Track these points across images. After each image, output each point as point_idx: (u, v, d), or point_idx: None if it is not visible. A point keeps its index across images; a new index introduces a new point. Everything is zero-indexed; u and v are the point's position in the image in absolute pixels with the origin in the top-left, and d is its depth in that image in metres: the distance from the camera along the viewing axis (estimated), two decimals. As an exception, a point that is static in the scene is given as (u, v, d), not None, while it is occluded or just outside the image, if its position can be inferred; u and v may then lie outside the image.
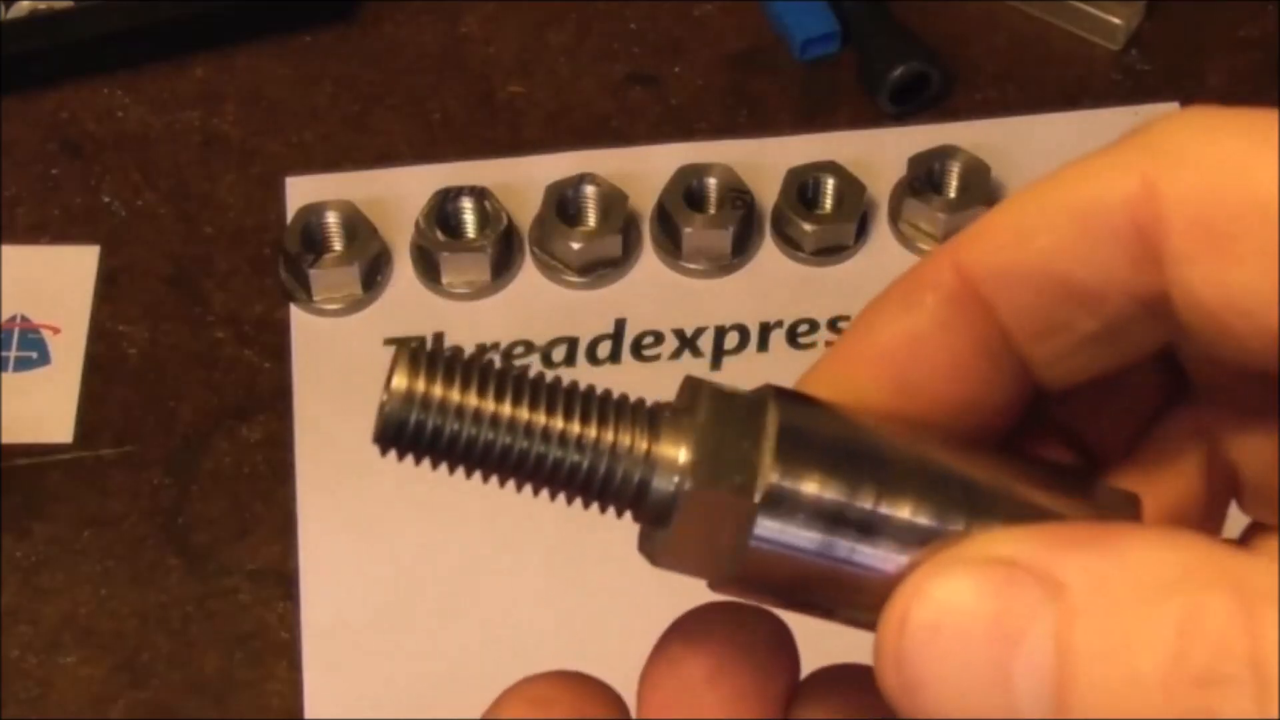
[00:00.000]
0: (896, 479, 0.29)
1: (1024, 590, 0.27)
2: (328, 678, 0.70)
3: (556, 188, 0.79)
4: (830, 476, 0.29)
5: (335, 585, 0.72)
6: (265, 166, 0.83)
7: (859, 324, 0.32)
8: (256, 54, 0.86)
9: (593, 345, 0.78)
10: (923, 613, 0.28)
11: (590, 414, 0.30)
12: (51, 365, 0.77)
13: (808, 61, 0.86)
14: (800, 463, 0.29)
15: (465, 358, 0.30)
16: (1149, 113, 0.84)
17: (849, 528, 0.29)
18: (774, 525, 0.29)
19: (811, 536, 0.29)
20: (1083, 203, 0.30)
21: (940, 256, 0.31)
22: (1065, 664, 0.26)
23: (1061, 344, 0.31)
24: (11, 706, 0.69)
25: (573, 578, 0.72)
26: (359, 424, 0.76)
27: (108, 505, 0.74)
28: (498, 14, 0.88)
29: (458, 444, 0.30)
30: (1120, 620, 0.26)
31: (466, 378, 0.30)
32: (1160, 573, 0.26)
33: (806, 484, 0.29)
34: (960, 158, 0.80)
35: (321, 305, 0.78)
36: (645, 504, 0.30)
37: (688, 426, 0.30)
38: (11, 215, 0.81)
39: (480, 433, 0.30)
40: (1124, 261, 0.30)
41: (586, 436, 0.30)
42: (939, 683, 0.27)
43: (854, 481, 0.29)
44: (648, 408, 0.31)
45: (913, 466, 0.30)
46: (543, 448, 0.30)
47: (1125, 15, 0.86)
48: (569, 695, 0.34)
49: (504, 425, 0.30)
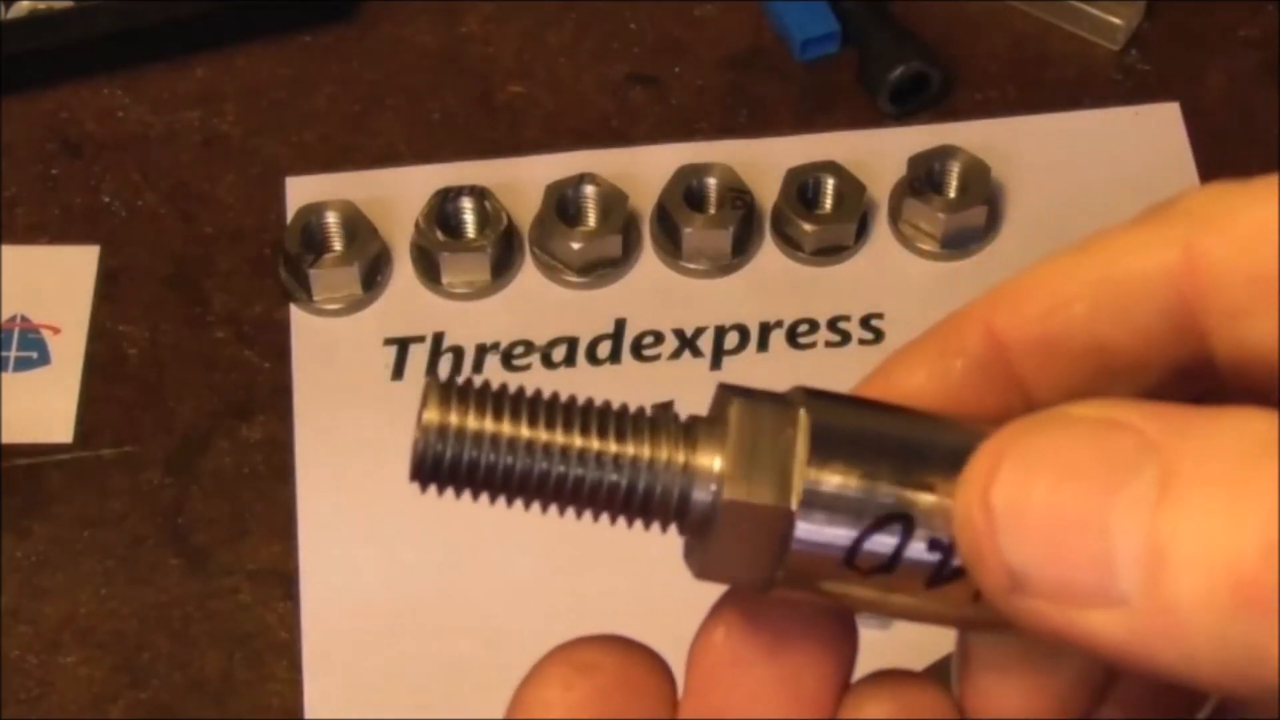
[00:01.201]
0: (934, 459, 0.29)
1: (1124, 443, 0.27)
2: (328, 678, 0.70)
3: (556, 188, 0.79)
4: (866, 468, 0.29)
5: (335, 585, 0.72)
6: (265, 166, 0.83)
7: (884, 370, 0.32)
8: (256, 54, 0.86)
9: (593, 345, 0.78)
10: (1017, 457, 0.27)
11: (624, 431, 0.30)
12: (51, 365, 0.77)
13: (808, 61, 0.86)
14: (834, 461, 0.29)
15: (494, 386, 0.30)
16: (1149, 113, 0.84)
17: (891, 518, 0.29)
18: (813, 526, 0.29)
19: (852, 532, 0.29)
20: (1122, 274, 0.30)
21: (972, 318, 0.32)
22: (1166, 518, 0.26)
23: None
24: (11, 706, 0.69)
25: (575, 577, 0.72)
26: (359, 424, 0.76)
27: (108, 505, 0.74)
28: (498, 14, 0.88)
29: (495, 473, 0.30)
30: (1220, 478, 0.26)
31: (498, 406, 0.30)
32: (1257, 437, 0.26)
33: (842, 480, 0.29)
34: (960, 158, 0.80)
35: (321, 305, 0.78)
36: (687, 516, 0.30)
37: (721, 435, 0.30)
38: (11, 215, 0.81)
39: (517, 460, 0.30)
40: (1164, 331, 0.30)
41: (623, 454, 0.30)
42: (1030, 525, 0.27)
43: (890, 469, 0.29)
44: (681, 420, 0.30)
45: (949, 445, 0.29)
46: (580, 470, 0.30)
47: (1125, 15, 0.86)
48: (614, 661, 0.33)
49: (540, 450, 0.30)
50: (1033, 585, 0.27)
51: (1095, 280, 0.30)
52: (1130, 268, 0.30)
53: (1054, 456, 0.27)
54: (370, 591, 0.72)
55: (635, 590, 0.71)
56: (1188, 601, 0.25)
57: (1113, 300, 0.30)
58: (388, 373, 0.77)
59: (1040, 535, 0.27)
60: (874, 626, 0.34)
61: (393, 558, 0.73)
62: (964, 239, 0.80)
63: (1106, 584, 0.26)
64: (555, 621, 0.71)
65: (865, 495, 0.29)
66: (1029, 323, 0.31)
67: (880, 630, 0.42)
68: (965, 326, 0.32)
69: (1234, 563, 0.25)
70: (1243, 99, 0.85)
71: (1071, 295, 0.31)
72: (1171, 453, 0.26)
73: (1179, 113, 0.84)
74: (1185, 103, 0.84)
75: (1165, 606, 0.26)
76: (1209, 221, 0.30)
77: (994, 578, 0.27)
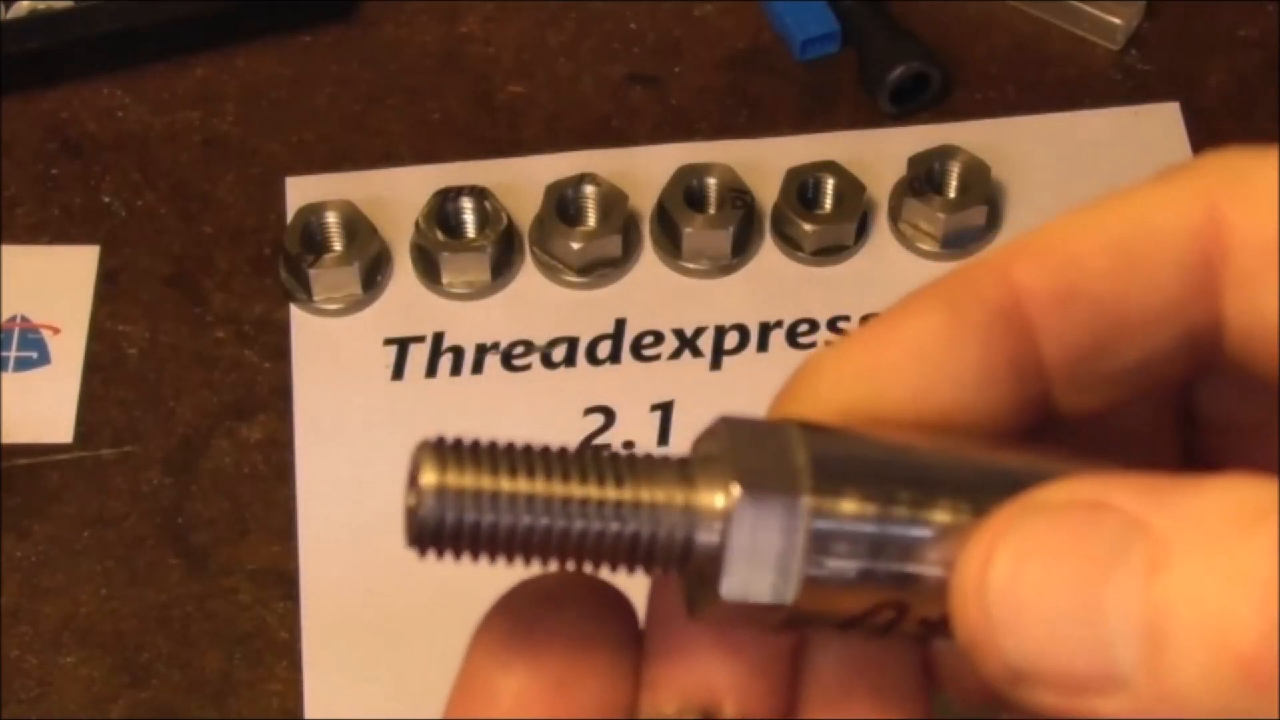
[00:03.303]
0: (936, 483, 0.29)
1: (1111, 525, 0.26)
2: (328, 678, 0.70)
3: (556, 188, 0.79)
4: (871, 500, 0.29)
5: (335, 585, 0.72)
6: (265, 166, 0.83)
7: (896, 312, 0.32)
8: (256, 54, 0.86)
9: (593, 345, 0.78)
10: (1008, 551, 0.27)
11: (623, 477, 0.29)
12: (51, 365, 0.77)
13: (808, 61, 0.86)
14: (836, 492, 0.29)
15: (487, 442, 0.30)
16: (1149, 113, 0.84)
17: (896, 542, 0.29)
18: (821, 559, 0.29)
19: (859, 561, 0.29)
20: (1145, 231, 0.30)
21: (991, 267, 0.31)
22: (1159, 593, 0.25)
23: (1097, 371, 0.31)
24: (11, 706, 0.69)
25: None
26: (359, 424, 0.76)
27: (108, 505, 0.74)
28: (498, 14, 0.88)
29: (498, 533, 0.29)
30: (1213, 548, 0.25)
31: (493, 462, 0.29)
32: (1247, 503, 0.26)
33: (847, 508, 0.29)
34: (960, 158, 0.80)
35: (321, 305, 0.78)
36: (692, 559, 0.29)
37: (719, 473, 0.29)
38: (11, 215, 0.81)
39: (518, 519, 0.29)
40: (1181, 290, 0.30)
41: (624, 501, 0.29)
42: (1026, 620, 0.27)
43: (893, 497, 0.29)
44: (676, 461, 0.30)
45: (951, 467, 0.29)
46: (582, 522, 0.29)
47: (1125, 15, 0.86)
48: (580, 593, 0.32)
49: (540, 506, 0.29)
50: (1033, 678, 0.27)
51: (1116, 235, 0.30)
52: (1153, 224, 0.30)
53: (1043, 549, 0.27)
54: (370, 591, 0.72)
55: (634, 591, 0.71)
56: (1188, 680, 0.25)
57: (1133, 256, 0.30)
58: (388, 373, 0.77)
59: (1037, 631, 0.26)
60: None
61: (392, 557, 0.72)
62: (964, 239, 0.80)
63: (1107, 669, 0.26)
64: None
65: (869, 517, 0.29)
66: (1047, 274, 0.31)
67: None
68: (983, 275, 0.31)
69: (1233, 639, 0.25)
70: (1243, 99, 0.85)
71: (1092, 249, 0.30)
72: (1160, 529, 0.26)
73: (1179, 113, 0.84)
74: (1185, 103, 0.84)
75: (1167, 687, 0.25)
76: (1229, 185, 0.30)
77: (995, 672, 0.27)
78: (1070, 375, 0.31)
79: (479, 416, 0.76)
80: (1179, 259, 0.30)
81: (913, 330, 0.31)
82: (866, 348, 0.32)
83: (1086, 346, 0.30)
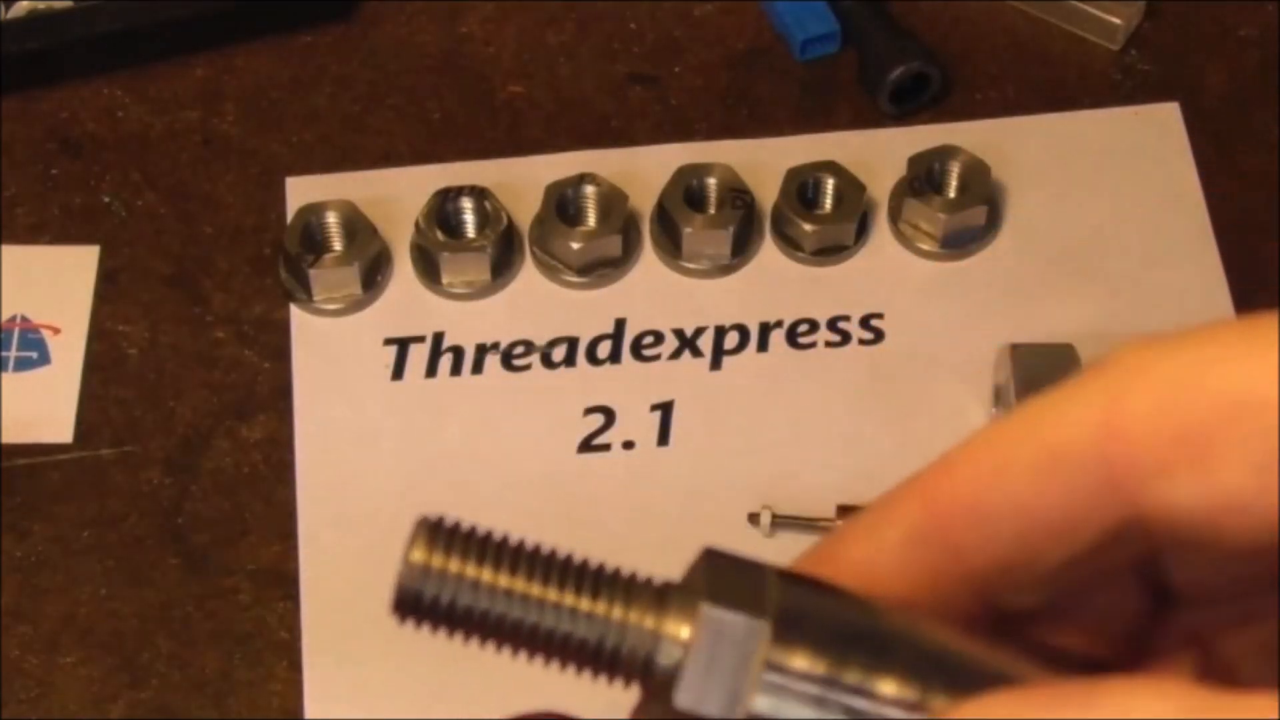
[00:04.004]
0: (887, 655, 0.31)
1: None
2: (328, 678, 0.70)
3: (556, 188, 0.79)
4: (825, 657, 0.30)
5: (335, 585, 0.72)
6: (265, 166, 0.83)
7: (830, 541, 0.33)
8: (256, 54, 0.86)
9: (593, 345, 0.78)
10: None
11: (600, 590, 0.31)
12: (51, 365, 0.77)
13: (808, 61, 0.86)
14: (797, 644, 0.30)
15: (484, 532, 0.32)
16: (1149, 113, 0.84)
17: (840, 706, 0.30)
18: (770, 703, 0.30)
19: (806, 712, 0.30)
20: (1048, 441, 0.31)
21: (910, 491, 0.33)
22: None
23: (1028, 574, 0.32)
24: (11, 706, 0.69)
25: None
26: (359, 424, 0.76)
27: (107, 505, 0.74)
28: (498, 14, 0.88)
29: (472, 617, 0.31)
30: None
31: (481, 553, 0.31)
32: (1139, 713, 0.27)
33: (801, 665, 0.30)
34: (960, 158, 0.80)
35: (321, 305, 0.78)
36: (652, 677, 0.31)
37: (691, 606, 0.31)
38: (11, 215, 0.81)
39: (494, 606, 0.31)
40: (1093, 493, 0.31)
41: (595, 613, 0.31)
42: None
43: (847, 659, 0.30)
44: (656, 585, 0.32)
45: (909, 645, 0.31)
46: (554, 622, 0.31)
47: (1125, 15, 0.86)
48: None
49: (518, 599, 0.31)
50: None
51: (1025, 448, 0.31)
52: (1056, 434, 0.31)
53: None
54: (370, 591, 0.72)
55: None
56: None
57: (1040, 468, 0.31)
58: (388, 373, 0.77)
59: None
60: None
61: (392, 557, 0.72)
62: (964, 239, 0.80)
63: None
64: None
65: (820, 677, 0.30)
66: (962, 491, 0.32)
67: None
68: (903, 499, 0.33)
69: None
70: (1243, 99, 0.85)
71: (1002, 464, 0.31)
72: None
73: (1179, 113, 0.84)
74: (1185, 103, 0.84)
75: None
76: (1123, 380, 0.30)
77: None
78: (1001, 580, 0.32)
79: (479, 416, 0.76)
80: (1083, 466, 0.31)
81: (842, 562, 0.33)
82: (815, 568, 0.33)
83: (1012, 553, 0.32)
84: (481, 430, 0.76)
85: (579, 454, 0.75)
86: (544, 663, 0.32)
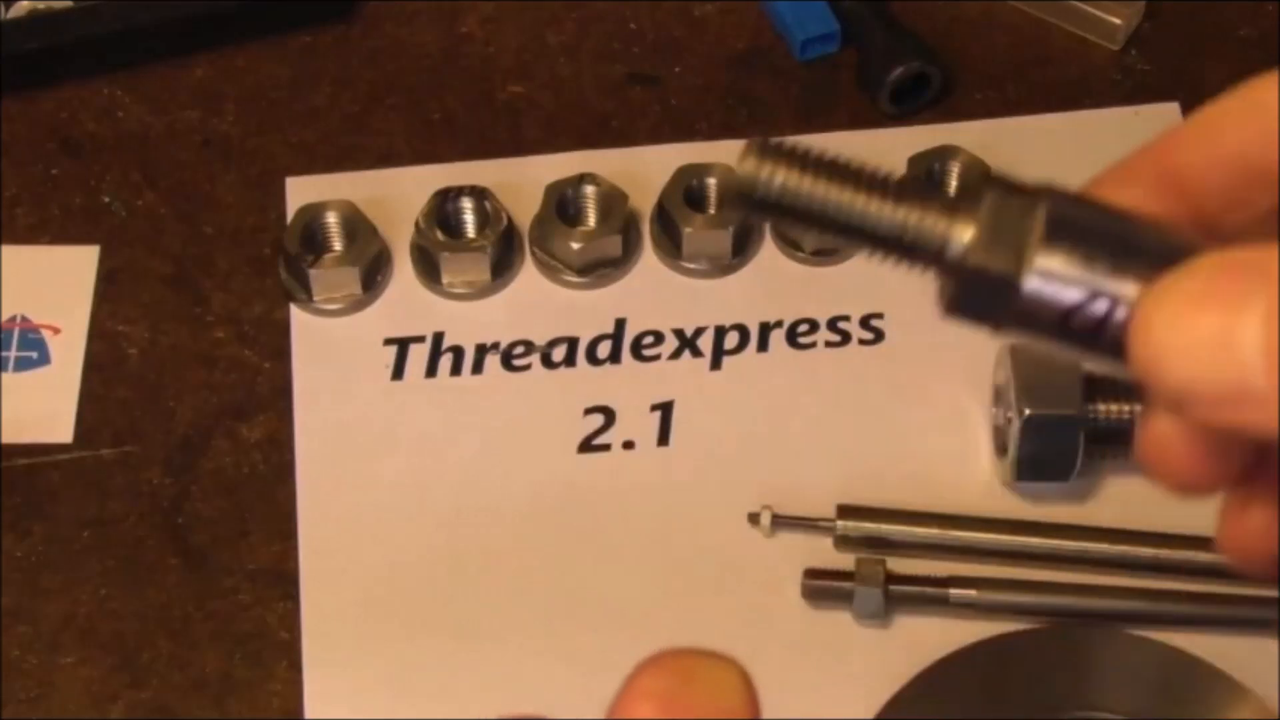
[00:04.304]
0: (1138, 245, 0.37)
1: (1244, 276, 0.34)
2: (328, 678, 0.70)
3: (556, 188, 0.79)
4: (1084, 254, 0.36)
5: (335, 585, 0.72)
6: (265, 166, 0.83)
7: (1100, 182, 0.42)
8: (256, 54, 0.86)
9: (593, 345, 0.78)
10: (1163, 298, 0.35)
11: (904, 197, 0.39)
12: (51, 365, 0.77)
13: (808, 61, 0.86)
14: (1060, 243, 0.36)
15: (804, 148, 0.40)
16: (1149, 113, 0.84)
17: (1100, 294, 0.36)
18: (1038, 285, 0.37)
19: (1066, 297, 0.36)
20: (1263, 104, 0.39)
21: (1143, 156, 0.42)
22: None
23: (1245, 217, 0.39)
24: (11, 706, 0.69)
25: (575, 578, 0.72)
26: (359, 424, 0.76)
27: (108, 505, 0.74)
28: (498, 14, 0.88)
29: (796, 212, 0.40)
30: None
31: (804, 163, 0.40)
32: None
33: (1063, 259, 0.36)
34: (960, 158, 0.80)
35: (321, 305, 0.78)
36: (942, 266, 0.38)
37: (975, 210, 0.38)
38: (11, 215, 0.81)
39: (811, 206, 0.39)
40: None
41: (907, 215, 0.39)
42: (1177, 348, 0.34)
43: (1103, 258, 0.36)
44: (951, 198, 0.39)
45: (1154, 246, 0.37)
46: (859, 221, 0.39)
47: (1125, 15, 0.86)
48: None
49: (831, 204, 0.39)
50: (1190, 398, 0.34)
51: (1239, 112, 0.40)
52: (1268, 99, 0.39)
53: (1189, 296, 0.34)
54: (370, 592, 0.72)
55: (638, 590, 0.71)
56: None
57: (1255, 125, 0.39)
58: (388, 373, 0.77)
59: (1185, 354, 0.34)
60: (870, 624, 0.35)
61: (392, 557, 0.73)
62: (964, 239, 0.80)
63: (1243, 387, 0.33)
64: (555, 622, 0.71)
65: (1079, 270, 0.36)
66: (1189, 149, 0.41)
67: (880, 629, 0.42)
68: (1140, 160, 0.43)
69: None
70: (1243, 99, 0.85)
71: (1223, 125, 0.40)
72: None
73: (1179, 113, 0.84)
74: (1185, 103, 0.84)
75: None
76: None
77: (1162, 395, 0.35)
78: (1227, 222, 0.40)
79: (479, 416, 0.76)
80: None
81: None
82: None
83: (1230, 198, 0.40)
84: (482, 430, 0.76)
85: (579, 454, 0.75)
86: (858, 249, 0.40)
